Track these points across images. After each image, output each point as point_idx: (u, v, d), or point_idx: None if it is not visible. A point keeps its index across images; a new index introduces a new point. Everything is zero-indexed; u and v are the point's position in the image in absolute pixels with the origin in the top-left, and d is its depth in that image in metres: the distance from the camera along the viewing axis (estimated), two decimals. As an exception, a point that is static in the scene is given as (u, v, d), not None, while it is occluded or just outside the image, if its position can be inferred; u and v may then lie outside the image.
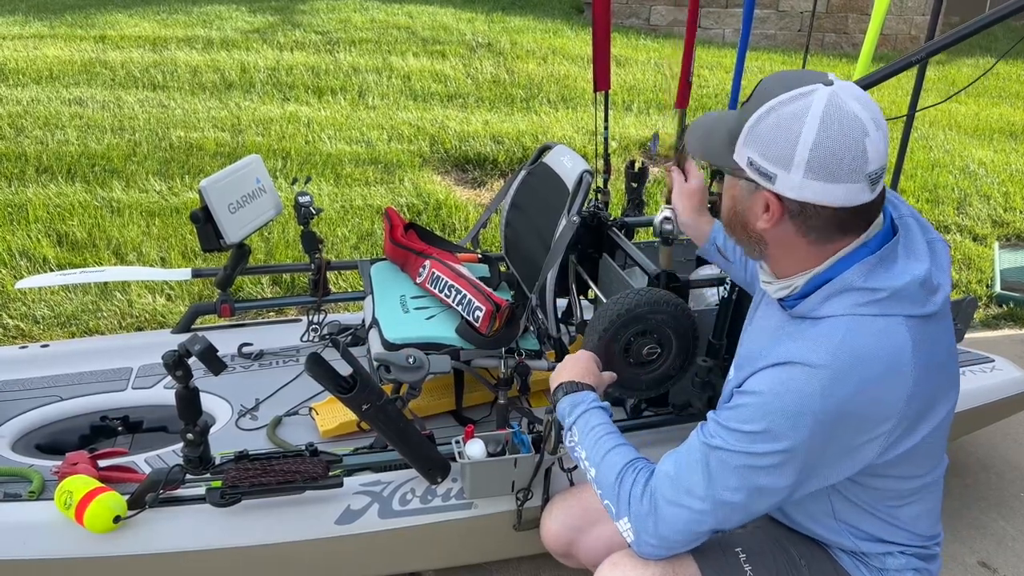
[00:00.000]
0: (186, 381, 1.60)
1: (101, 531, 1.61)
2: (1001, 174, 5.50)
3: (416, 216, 4.33)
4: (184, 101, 5.90)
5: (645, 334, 1.85)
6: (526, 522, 1.82)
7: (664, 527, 1.23)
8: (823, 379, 1.09)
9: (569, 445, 1.43)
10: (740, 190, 1.20)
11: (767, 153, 1.11)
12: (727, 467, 1.17)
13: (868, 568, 1.34)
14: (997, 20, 1.89)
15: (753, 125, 1.12)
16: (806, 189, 1.10)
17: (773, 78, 1.15)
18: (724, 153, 1.19)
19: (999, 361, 2.41)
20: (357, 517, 1.75)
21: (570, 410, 1.44)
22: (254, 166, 2.51)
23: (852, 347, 1.10)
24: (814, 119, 1.07)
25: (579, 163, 2.07)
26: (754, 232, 1.21)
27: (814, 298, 1.17)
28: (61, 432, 2.14)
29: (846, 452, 1.16)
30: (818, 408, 1.10)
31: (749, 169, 1.14)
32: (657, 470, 1.27)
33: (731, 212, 1.24)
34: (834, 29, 9.76)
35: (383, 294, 2.26)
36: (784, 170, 1.10)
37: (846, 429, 1.13)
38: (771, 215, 1.15)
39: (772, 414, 1.12)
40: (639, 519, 1.25)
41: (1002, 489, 2.47)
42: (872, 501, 1.28)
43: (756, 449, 1.14)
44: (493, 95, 6.46)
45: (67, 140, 5.01)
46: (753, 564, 1.34)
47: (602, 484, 1.32)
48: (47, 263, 3.61)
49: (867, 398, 1.11)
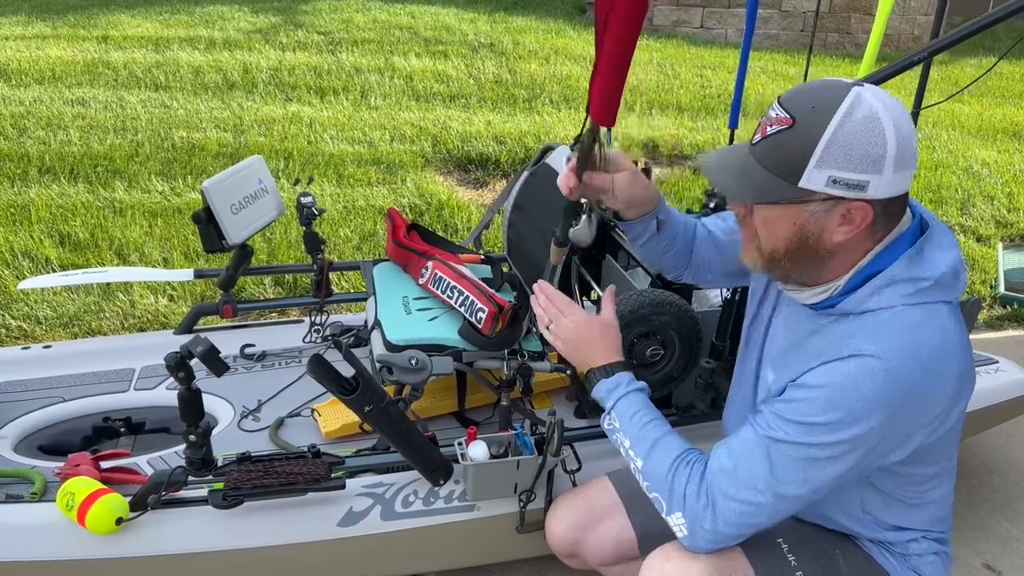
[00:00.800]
0: (188, 383, 1.59)
1: (103, 533, 1.60)
2: (1005, 174, 5.49)
3: (418, 217, 4.33)
4: (186, 101, 5.91)
5: (648, 336, 1.85)
6: (529, 524, 1.82)
7: (721, 522, 1.22)
8: (887, 368, 1.12)
9: (608, 428, 1.39)
10: (808, 214, 1.15)
11: (852, 164, 1.09)
12: (790, 459, 1.18)
13: (893, 555, 1.38)
14: (1000, 19, 1.88)
15: (827, 145, 1.09)
16: (894, 184, 1.11)
17: (798, 100, 1.13)
18: (777, 186, 1.14)
19: (1003, 363, 2.40)
20: (359, 519, 1.74)
21: (607, 394, 1.40)
22: (256, 167, 2.50)
23: (910, 335, 1.13)
24: (884, 116, 1.08)
25: None
26: (824, 250, 1.18)
27: (862, 293, 1.18)
28: (63, 433, 2.14)
29: (904, 438, 1.19)
30: (883, 396, 1.12)
31: (832, 187, 1.11)
32: (711, 465, 1.25)
33: (793, 240, 1.18)
34: (836, 29, 9.75)
35: (385, 295, 2.26)
36: (876, 174, 1.09)
37: (908, 415, 1.16)
38: (855, 224, 1.14)
39: (839, 405, 1.13)
40: (695, 515, 1.24)
41: (1007, 491, 2.46)
42: (899, 488, 1.31)
43: (822, 440, 1.15)
44: (495, 95, 6.46)
45: (70, 140, 5.01)
46: (796, 554, 1.36)
47: (651, 476, 1.30)
48: (49, 264, 3.61)
49: (926, 383, 1.14)
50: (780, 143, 1.13)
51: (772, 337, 1.41)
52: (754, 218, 1.22)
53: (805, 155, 1.10)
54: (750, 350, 1.48)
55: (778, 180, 1.14)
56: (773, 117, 1.15)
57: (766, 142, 1.15)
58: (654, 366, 1.90)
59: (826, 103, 1.10)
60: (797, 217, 1.16)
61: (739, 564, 1.31)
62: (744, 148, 1.21)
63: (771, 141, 1.14)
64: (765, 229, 1.21)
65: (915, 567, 1.38)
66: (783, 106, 1.14)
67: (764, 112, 1.19)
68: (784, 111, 1.13)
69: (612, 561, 1.65)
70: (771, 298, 1.45)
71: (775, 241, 1.20)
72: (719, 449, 1.27)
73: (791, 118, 1.12)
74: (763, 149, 1.16)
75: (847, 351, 1.15)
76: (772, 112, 1.16)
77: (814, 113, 1.10)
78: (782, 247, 1.20)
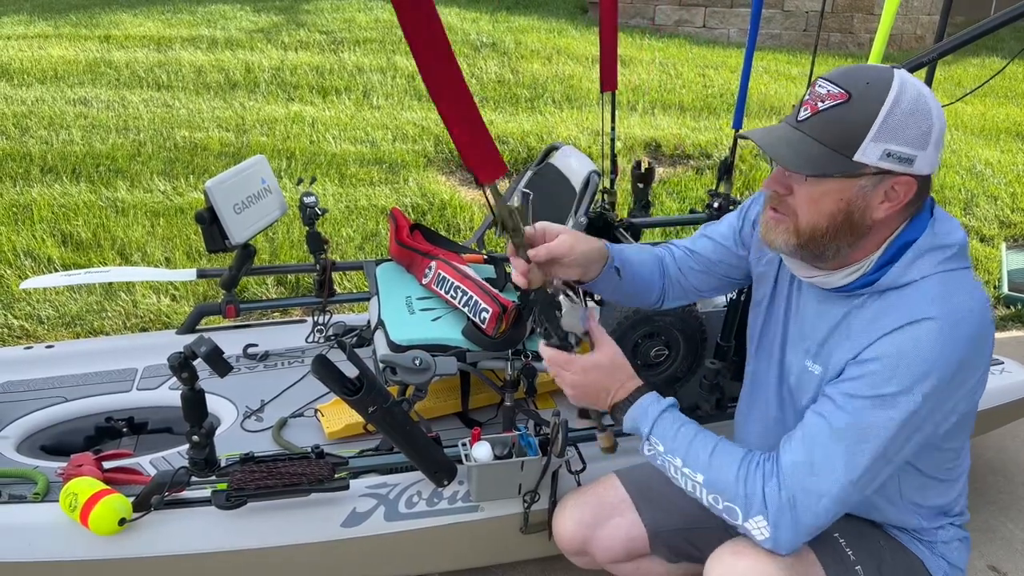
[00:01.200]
0: (192, 383, 1.59)
1: (106, 533, 1.60)
2: (1008, 174, 5.48)
3: (421, 216, 4.33)
4: (188, 101, 5.91)
5: (653, 336, 1.85)
6: (533, 525, 1.81)
7: (804, 516, 1.21)
8: (945, 329, 1.15)
9: (649, 454, 1.35)
10: (859, 189, 1.17)
11: (906, 138, 1.13)
12: (867, 437, 1.18)
13: (923, 544, 1.42)
14: (1008, 21, 1.88)
15: (886, 118, 1.12)
16: (934, 161, 1.17)
17: (849, 78, 1.16)
18: (832, 159, 1.15)
19: (1008, 363, 2.39)
20: (363, 520, 1.73)
21: (639, 422, 1.35)
22: (259, 166, 2.50)
23: (956, 298, 1.18)
24: (928, 96, 1.15)
25: (586, 164, 2.06)
26: (864, 226, 1.21)
27: (899, 266, 1.21)
28: (66, 433, 2.14)
29: (960, 397, 1.22)
30: (945, 355, 1.15)
31: (885, 161, 1.14)
32: (785, 461, 1.23)
33: (839, 215, 1.19)
34: (839, 29, 9.74)
35: (389, 295, 2.25)
36: (922, 149, 1.14)
37: (964, 373, 1.19)
38: (896, 200, 1.18)
39: (908, 370, 1.15)
40: (778, 513, 1.22)
41: (1011, 492, 2.45)
42: (934, 465, 1.35)
43: (896, 408, 1.17)
44: (498, 95, 6.45)
45: (72, 140, 5.01)
46: (853, 549, 1.38)
47: (718, 487, 1.27)
48: (52, 263, 3.61)
49: (976, 341, 1.18)
50: (837, 117, 1.15)
51: (797, 333, 1.40)
52: (796, 196, 1.22)
53: (864, 127, 1.13)
54: (767, 351, 1.48)
55: (833, 153, 1.15)
56: (824, 93, 1.16)
57: (818, 117, 1.16)
58: (658, 367, 1.90)
59: (879, 80, 1.14)
60: (846, 192, 1.18)
61: (810, 559, 1.32)
62: (789, 125, 1.21)
63: (825, 116, 1.16)
64: (810, 206, 1.21)
65: (943, 554, 1.42)
66: (835, 82, 1.16)
67: (810, 91, 1.20)
68: (837, 87, 1.15)
69: (623, 558, 1.65)
70: (782, 296, 1.45)
71: (819, 218, 1.21)
72: (788, 444, 1.25)
73: (847, 93, 1.14)
74: (816, 124, 1.17)
75: (904, 319, 1.17)
76: (822, 89, 1.17)
77: (870, 88, 1.13)
78: (825, 224, 1.21)
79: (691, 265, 1.61)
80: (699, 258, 1.60)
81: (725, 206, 2.57)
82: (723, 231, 1.58)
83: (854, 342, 1.23)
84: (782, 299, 1.45)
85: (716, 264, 1.58)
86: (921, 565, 1.41)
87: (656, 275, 1.60)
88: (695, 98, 6.75)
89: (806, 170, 1.17)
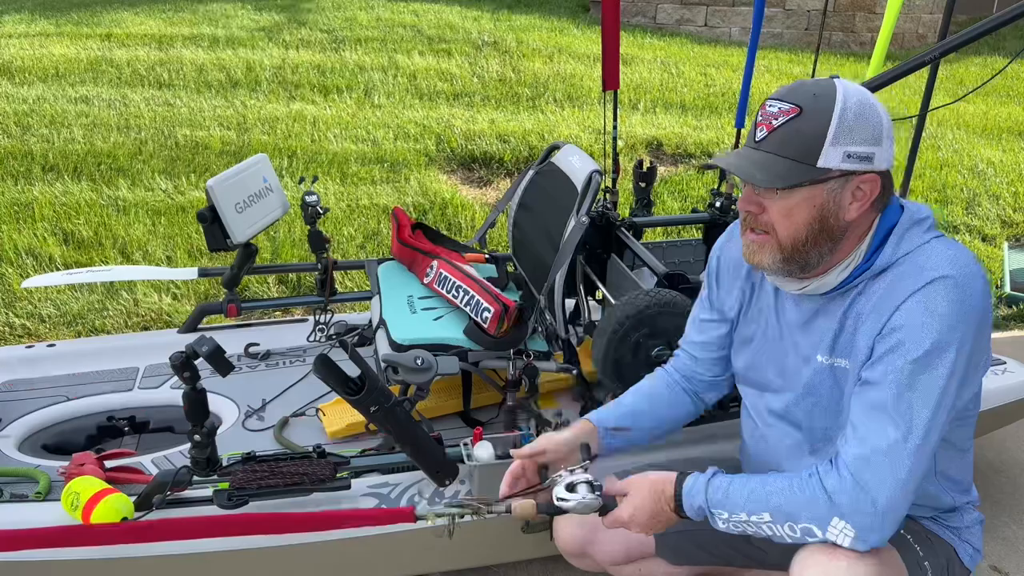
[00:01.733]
0: (194, 383, 1.59)
1: (108, 533, 1.60)
2: (1010, 174, 5.47)
3: (422, 215, 4.32)
4: (190, 99, 5.91)
5: (654, 335, 1.84)
6: (534, 525, 1.81)
7: (882, 504, 1.19)
8: (960, 282, 1.20)
9: (724, 527, 1.31)
10: (828, 192, 1.23)
11: (861, 138, 1.20)
12: (913, 406, 1.20)
13: (952, 531, 1.45)
14: (1011, 20, 1.87)
15: (839, 123, 1.19)
16: (890, 156, 1.25)
17: (797, 93, 1.22)
18: (799, 169, 1.21)
19: (1011, 363, 2.38)
20: (365, 519, 1.73)
21: (694, 504, 1.32)
22: (261, 165, 2.50)
23: (955, 256, 1.23)
24: (870, 97, 1.23)
25: (588, 163, 2.05)
26: (840, 228, 1.26)
27: (889, 246, 1.26)
28: (67, 432, 2.14)
29: (984, 349, 1.26)
30: (965, 306, 1.19)
31: (847, 162, 1.21)
32: (845, 456, 1.22)
33: (816, 222, 1.25)
34: (841, 28, 9.73)
35: (390, 294, 2.25)
36: (878, 146, 1.22)
37: (984, 324, 1.23)
38: (863, 198, 1.24)
39: (935, 326, 1.19)
40: (854, 511, 1.20)
41: (1014, 493, 2.45)
42: (958, 438, 1.39)
43: (934, 366, 1.19)
44: (499, 94, 6.45)
45: (73, 138, 5.01)
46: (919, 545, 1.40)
47: (787, 513, 1.24)
48: (53, 262, 3.61)
49: (987, 294, 1.23)
50: (794, 130, 1.21)
51: (798, 343, 1.39)
52: (770, 213, 1.26)
53: (821, 135, 1.19)
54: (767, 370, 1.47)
55: (798, 164, 1.21)
56: (775, 112, 1.23)
57: (776, 134, 1.23)
58: (660, 366, 1.89)
59: (824, 90, 1.21)
60: (817, 198, 1.23)
61: (894, 557, 1.34)
62: (750, 148, 1.27)
63: (782, 131, 1.22)
64: (785, 220, 1.25)
65: (968, 540, 1.47)
66: (784, 100, 1.23)
67: (760, 114, 1.26)
68: (787, 103, 1.22)
69: (623, 560, 1.64)
70: (764, 324, 1.46)
71: (796, 228, 1.25)
72: (844, 442, 1.25)
73: (798, 107, 1.21)
74: (775, 141, 1.23)
75: (921, 282, 1.21)
76: (772, 108, 1.24)
77: (818, 99, 1.20)
78: (803, 233, 1.25)
79: (703, 355, 1.60)
80: (705, 345, 1.59)
81: (727, 205, 2.57)
82: (703, 306, 1.59)
83: (874, 319, 1.25)
84: (770, 326, 1.45)
85: (724, 337, 1.56)
86: (954, 553, 1.45)
87: (676, 391, 1.62)
88: (697, 97, 6.74)
89: (777, 184, 1.22)
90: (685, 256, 2.61)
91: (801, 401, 1.40)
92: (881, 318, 1.23)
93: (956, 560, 1.44)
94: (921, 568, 1.37)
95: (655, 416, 1.59)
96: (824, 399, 1.36)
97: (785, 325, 1.41)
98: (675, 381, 1.63)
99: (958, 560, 1.44)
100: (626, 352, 1.84)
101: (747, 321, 1.50)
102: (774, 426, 1.48)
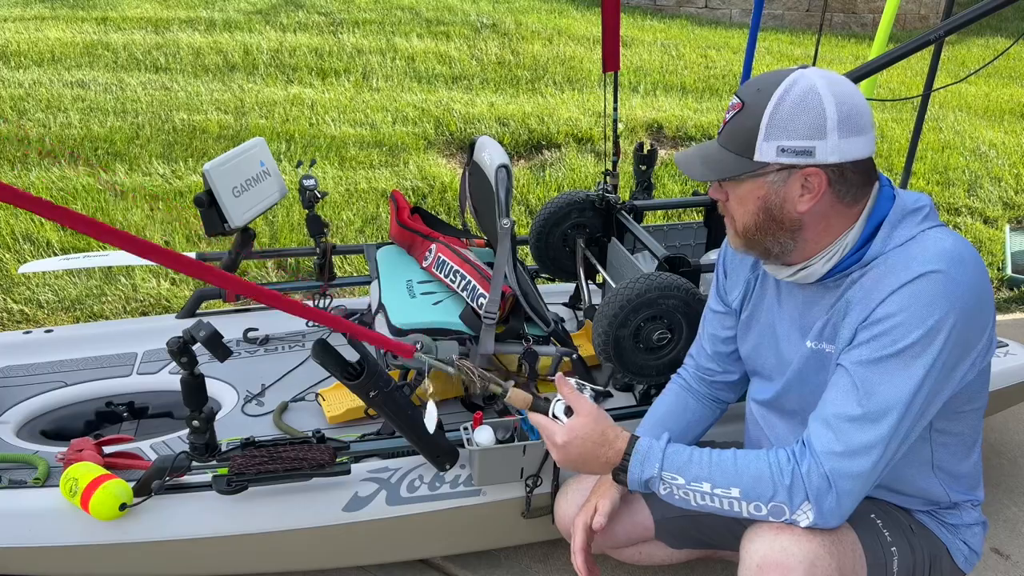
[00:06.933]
0: (191, 368, 1.58)
1: (107, 518, 1.59)
2: (1012, 155, 5.44)
3: (421, 199, 4.30)
4: (187, 83, 5.86)
5: (655, 319, 1.83)
6: (535, 509, 1.81)
7: (845, 485, 1.22)
8: (949, 275, 1.19)
9: (665, 493, 1.32)
10: (769, 185, 1.26)
11: (797, 132, 1.21)
12: (890, 398, 1.20)
13: (946, 528, 1.45)
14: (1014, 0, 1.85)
15: (770, 118, 1.21)
16: (843, 149, 1.21)
17: (748, 87, 1.27)
18: (737, 163, 1.26)
19: (1013, 345, 2.37)
20: (365, 504, 1.73)
21: (647, 465, 1.33)
22: (258, 149, 2.48)
23: (948, 247, 1.21)
24: (823, 89, 1.20)
25: (496, 157, 1.96)
26: (791, 220, 1.27)
27: (880, 236, 1.26)
28: (66, 418, 2.13)
29: (976, 340, 1.24)
30: (954, 299, 1.18)
31: (781, 157, 1.22)
32: (814, 438, 1.25)
33: (760, 212, 1.29)
34: (842, 9, 9.65)
35: (389, 279, 2.23)
36: (820, 139, 1.20)
37: (976, 316, 1.21)
38: (813, 191, 1.24)
39: (922, 319, 1.18)
40: (819, 494, 1.23)
41: (1015, 475, 2.44)
42: (958, 429, 1.38)
43: (918, 359, 1.19)
44: (498, 76, 6.40)
45: (70, 123, 4.98)
46: (888, 530, 1.40)
47: (757, 492, 1.26)
48: (51, 247, 3.59)
49: (980, 283, 1.22)
50: (737, 125, 1.26)
51: (789, 327, 1.41)
52: (731, 201, 1.32)
53: (754, 130, 1.23)
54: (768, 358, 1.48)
55: (738, 158, 1.26)
56: (731, 105, 1.29)
57: (726, 128, 1.29)
58: (661, 350, 1.88)
59: (769, 85, 1.23)
60: (760, 190, 1.27)
61: (851, 537, 1.33)
62: (713, 141, 1.33)
63: (730, 126, 1.28)
64: (740, 207, 1.31)
65: (965, 539, 1.46)
66: (737, 95, 1.28)
67: None
68: (737, 99, 1.27)
69: (624, 543, 1.65)
70: (765, 313, 1.48)
71: (747, 216, 1.31)
72: (816, 422, 1.26)
73: (741, 103, 1.26)
74: (726, 135, 1.29)
75: (912, 274, 1.20)
76: (732, 101, 1.29)
77: (758, 94, 1.24)
78: (752, 221, 1.30)
79: (716, 349, 1.63)
80: (715, 337, 1.62)
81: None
82: (715, 297, 1.62)
83: (861, 308, 1.25)
84: (766, 316, 1.48)
85: (733, 329, 1.59)
86: (944, 549, 1.44)
87: (689, 403, 1.65)
88: (697, 79, 6.70)
89: (710, 177, 1.30)
90: (686, 239, 2.59)
91: (794, 387, 1.42)
92: (867, 308, 1.24)
93: (946, 557, 1.44)
94: (885, 552, 1.37)
95: (690, 431, 1.64)
96: (812, 384, 1.37)
97: (784, 313, 1.43)
98: (689, 389, 1.67)
99: (948, 558, 1.44)
100: (627, 336, 1.83)
101: (750, 310, 1.52)
102: (772, 411, 1.50)
